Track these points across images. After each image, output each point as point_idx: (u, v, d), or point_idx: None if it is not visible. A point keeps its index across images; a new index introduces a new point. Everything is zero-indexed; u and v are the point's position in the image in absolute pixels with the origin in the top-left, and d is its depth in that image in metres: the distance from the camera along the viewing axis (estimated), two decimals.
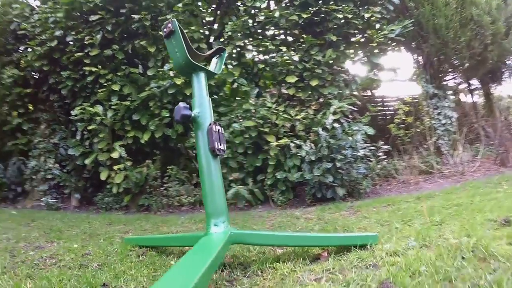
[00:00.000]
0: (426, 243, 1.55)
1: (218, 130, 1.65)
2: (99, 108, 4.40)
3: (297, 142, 3.84)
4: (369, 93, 6.25)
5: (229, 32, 4.53)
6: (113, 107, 4.41)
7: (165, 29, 1.72)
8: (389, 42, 4.84)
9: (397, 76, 5.54)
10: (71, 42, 4.77)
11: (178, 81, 4.19)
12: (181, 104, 1.63)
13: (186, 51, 1.68)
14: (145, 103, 4.44)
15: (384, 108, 6.46)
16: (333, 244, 1.67)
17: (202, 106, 1.68)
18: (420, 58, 5.25)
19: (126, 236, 2.47)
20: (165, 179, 4.44)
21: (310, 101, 4.37)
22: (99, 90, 4.51)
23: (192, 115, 1.64)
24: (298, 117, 4.07)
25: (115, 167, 4.33)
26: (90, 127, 4.40)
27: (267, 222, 2.89)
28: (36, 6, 5.51)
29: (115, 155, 4.33)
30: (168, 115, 4.32)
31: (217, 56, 2.06)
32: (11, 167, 5.27)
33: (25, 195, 5.24)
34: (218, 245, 1.32)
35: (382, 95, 6.53)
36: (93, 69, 4.49)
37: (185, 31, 4.39)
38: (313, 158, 3.68)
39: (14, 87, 5.21)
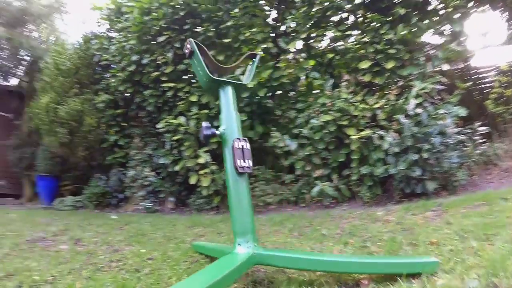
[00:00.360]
0: (495, 281, 1.21)
1: (242, 146, 1.60)
2: (181, 119, 4.68)
3: (380, 133, 3.65)
4: (459, 67, 5.51)
5: (292, 26, 4.43)
6: (194, 116, 4.66)
7: (185, 50, 1.75)
8: (469, 3, 4.30)
9: (489, 41, 4.86)
10: (147, 64, 5.11)
11: (250, 84, 4.27)
12: (204, 124, 1.64)
13: (206, 69, 1.71)
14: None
15: (480, 82, 5.54)
16: (373, 272, 1.48)
17: (229, 122, 1.66)
18: (508, 15, 4.58)
19: (194, 242, 2.51)
20: (252, 179, 4.61)
21: (389, 86, 4.13)
22: (179, 103, 4.79)
23: (218, 132, 1.63)
24: (378, 105, 3.86)
25: (201, 172, 4.59)
26: (175, 138, 4.71)
27: (340, 225, 2.79)
28: (113, 37, 6.02)
29: (201, 161, 4.60)
30: (246, 118, 4.43)
31: (250, 63, 2.02)
32: (112, 177, 5.95)
33: (126, 200, 5.90)
34: (232, 266, 1.33)
35: (475, 67, 5.59)
36: (171, 85, 4.79)
37: (247, 33, 4.50)
38: (397, 149, 3.48)
39: (107, 110, 5.83)
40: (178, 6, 4.73)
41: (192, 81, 4.86)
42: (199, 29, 4.63)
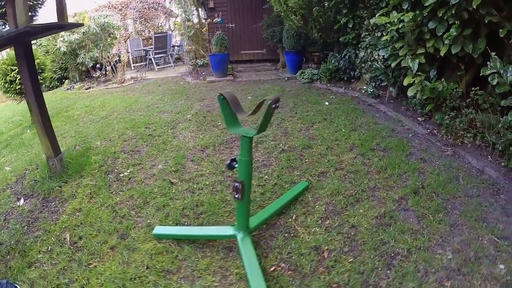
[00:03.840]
0: None
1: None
2: (393, 15, 4.14)
3: None
4: None
5: None
6: (406, 14, 3.98)
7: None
8: None
9: None
10: None
11: None
12: (228, 161, 2.18)
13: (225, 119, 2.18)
14: (435, 11, 3.72)
15: None
16: None
17: (241, 163, 2.16)
18: None
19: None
20: (465, 102, 3.87)
21: None
22: None
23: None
24: None
25: (411, 79, 4.20)
26: (385, 37, 4.33)
27: None
28: None
29: (413, 66, 4.17)
30: (456, 32, 3.49)
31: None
32: (345, 56, 6.35)
33: (356, 79, 6.32)
34: None
35: None
36: None
37: None
38: None
39: None
40: None
41: None
42: None
